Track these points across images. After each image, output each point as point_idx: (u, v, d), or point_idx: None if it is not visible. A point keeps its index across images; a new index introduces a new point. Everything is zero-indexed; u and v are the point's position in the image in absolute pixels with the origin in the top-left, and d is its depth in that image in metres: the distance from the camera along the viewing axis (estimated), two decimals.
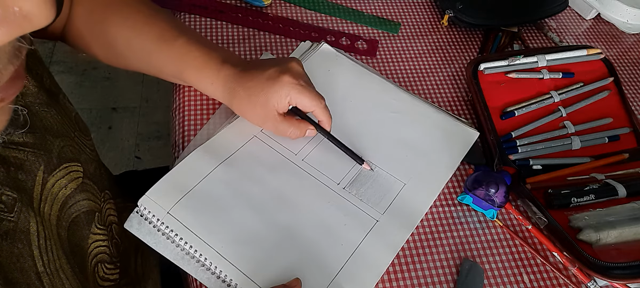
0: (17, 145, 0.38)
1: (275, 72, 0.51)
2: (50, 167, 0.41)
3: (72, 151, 0.45)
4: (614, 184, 0.57)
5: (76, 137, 0.46)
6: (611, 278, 0.49)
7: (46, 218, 0.40)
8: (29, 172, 0.39)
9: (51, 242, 0.39)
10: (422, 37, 0.73)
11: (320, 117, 0.53)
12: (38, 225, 0.38)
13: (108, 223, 0.51)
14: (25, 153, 0.38)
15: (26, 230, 0.37)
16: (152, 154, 1.50)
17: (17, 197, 0.36)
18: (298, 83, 0.51)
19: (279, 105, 0.51)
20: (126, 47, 0.54)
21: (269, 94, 0.51)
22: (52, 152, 0.41)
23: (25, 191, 0.38)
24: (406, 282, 0.50)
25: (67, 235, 0.43)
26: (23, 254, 0.36)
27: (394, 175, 0.56)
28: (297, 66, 0.53)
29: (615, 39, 0.79)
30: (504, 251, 0.54)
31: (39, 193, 0.39)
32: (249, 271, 0.46)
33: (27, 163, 0.38)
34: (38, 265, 0.37)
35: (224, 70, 0.52)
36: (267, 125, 0.53)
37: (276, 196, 0.52)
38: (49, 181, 0.41)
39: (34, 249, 0.37)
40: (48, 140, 0.41)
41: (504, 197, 0.53)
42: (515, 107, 0.62)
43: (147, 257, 0.62)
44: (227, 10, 0.69)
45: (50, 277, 0.38)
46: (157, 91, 1.61)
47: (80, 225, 0.45)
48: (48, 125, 0.42)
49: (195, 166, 0.52)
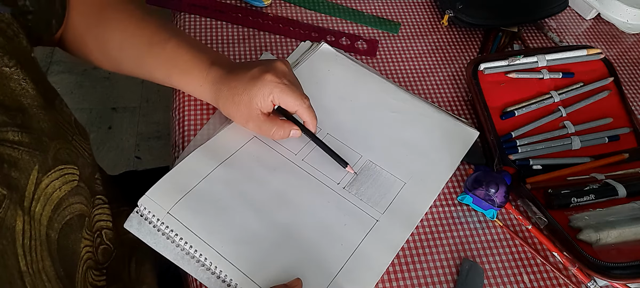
0: (12, 143, 0.38)
1: (259, 71, 0.51)
2: (45, 167, 0.41)
3: (69, 154, 0.45)
4: (614, 184, 0.57)
5: (74, 141, 0.47)
6: (611, 278, 0.49)
7: (36, 218, 0.40)
8: (22, 171, 0.39)
9: (37, 242, 0.39)
10: (422, 37, 0.73)
11: (304, 117, 0.53)
12: (25, 224, 0.38)
13: (96, 229, 0.51)
14: (20, 152, 0.38)
15: (12, 228, 0.37)
16: (152, 154, 1.50)
17: (6, 194, 0.36)
18: (281, 82, 0.50)
19: (262, 104, 0.51)
20: (119, 50, 0.55)
21: (252, 93, 0.50)
22: (48, 153, 0.41)
23: (17, 189, 0.38)
24: (406, 282, 0.50)
25: (57, 237, 0.42)
26: (7, 251, 0.36)
27: (394, 175, 0.56)
28: (281, 65, 0.52)
29: (615, 39, 0.79)
30: (504, 251, 0.54)
31: (32, 192, 0.39)
32: (249, 271, 0.46)
33: (21, 162, 0.38)
34: (21, 264, 0.37)
35: (212, 72, 0.53)
36: (250, 125, 0.53)
37: (276, 196, 0.52)
38: (43, 181, 0.41)
39: (18, 247, 0.37)
40: (44, 142, 0.41)
41: (504, 197, 0.53)
42: (515, 107, 0.62)
43: (143, 263, 0.61)
44: (227, 10, 0.69)
45: (32, 277, 0.38)
46: (157, 91, 1.61)
47: (73, 227, 0.45)
48: (44, 127, 0.42)
49: (195, 166, 0.52)
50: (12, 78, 0.40)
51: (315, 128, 0.54)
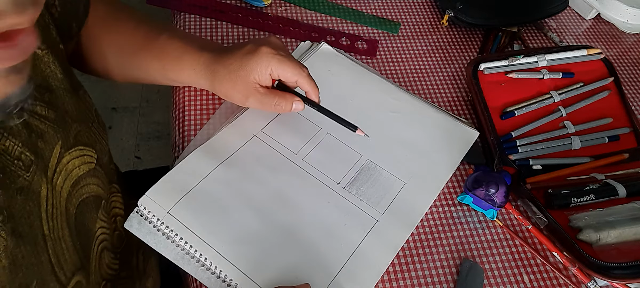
0: (40, 116, 0.39)
1: (253, 46, 0.51)
2: (67, 144, 0.42)
3: (88, 138, 0.46)
4: (614, 184, 0.57)
5: (93, 127, 0.48)
6: (611, 278, 0.49)
7: (57, 189, 0.41)
8: (48, 143, 0.40)
9: (57, 211, 0.40)
10: (422, 37, 0.73)
11: (306, 87, 0.52)
12: (48, 191, 0.39)
13: (113, 215, 0.52)
14: (46, 126, 0.40)
15: (38, 192, 0.38)
16: (152, 154, 1.50)
17: (33, 160, 0.38)
18: (277, 53, 0.50)
19: (260, 77, 0.51)
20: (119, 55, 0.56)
21: (249, 67, 0.50)
22: (70, 132, 0.43)
23: (42, 158, 0.39)
24: (406, 282, 0.50)
25: (75, 211, 0.44)
26: (33, 213, 0.37)
27: (394, 175, 0.56)
28: (275, 39, 0.53)
29: (615, 39, 0.79)
30: (504, 251, 0.54)
31: (55, 164, 0.41)
32: (249, 271, 0.46)
33: (47, 135, 0.40)
34: (44, 228, 0.38)
35: (204, 55, 0.53)
36: (251, 102, 0.52)
37: (276, 196, 0.52)
38: (64, 157, 0.42)
39: (42, 212, 0.38)
40: (67, 121, 0.43)
41: (504, 197, 0.53)
42: (515, 107, 0.62)
43: (149, 256, 0.62)
44: (227, 10, 0.69)
45: (53, 241, 0.39)
46: (157, 91, 1.61)
47: (89, 206, 0.46)
48: (68, 109, 0.43)
49: (196, 166, 0.52)
50: (43, 60, 0.42)
51: (318, 97, 0.53)
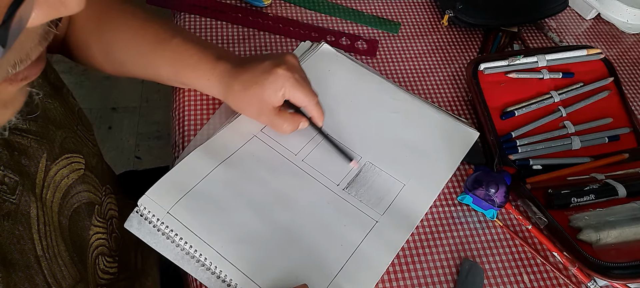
0: (21, 131, 0.39)
1: (270, 64, 0.51)
2: (53, 155, 0.42)
3: (74, 143, 0.45)
4: (614, 184, 0.57)
5: (78, 130, 0.47)
6: (611, 278, 0.49)
7: (48, 204, 0.40)
8: (32, 158, 0.39)
9: (51, 228, 0.40)
10: (422, 37, 0.73)
11: (313, 113, 0.54)
12: (38, 210, 0.39)
13: (108, 217, 0.51)
14: (29, 140, 0.39)
15: (27, 214, 0.37)
16: (152, 154, 1.50)
17: (19, 180, 0.37)
18: (292, 76, 0.51)
19: (273, 98, 0.51)
20: (123, 51, 0.55)
21: (264, 86, 0.51)
22: (55, 141, 0.42)
23: (28, 176, 0.38)
24: (406, 282, 0.50)
25: (68, 223, 0.43)
26: (23, 236, 0.36)
27: (393, 176, 0.56)
28: (292, 60, 0.53)
29: (615, 39, 0.79)
30: (504, 251, 0.54)
31: (42, 179, 0.40)
32: (249, 271, 0.46)
33: (30, 150, 0.39)
34: (37, 249, 0.38)
35: (220, 66, 0.53)
36: (263, 119, 0.54)
37: (276, 196, 0.52)
38: (51, 169, 0.41)
39: (33, 233, 0.38)
40: (50, 130, 0.42)
41: (504, 197, 0.53)
42: (515, 107, 0.62)
43: (148, 255, 0.62)
44: (227, 10, 0.69)
45: (48, 261, 0.39)
46: (157, 91, 1.61)
47: (81, 215, 0.46)
48: (51, 116, 0.43)
49: (195, 166, 0.52)
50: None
51: (322, 124, 0.55)
